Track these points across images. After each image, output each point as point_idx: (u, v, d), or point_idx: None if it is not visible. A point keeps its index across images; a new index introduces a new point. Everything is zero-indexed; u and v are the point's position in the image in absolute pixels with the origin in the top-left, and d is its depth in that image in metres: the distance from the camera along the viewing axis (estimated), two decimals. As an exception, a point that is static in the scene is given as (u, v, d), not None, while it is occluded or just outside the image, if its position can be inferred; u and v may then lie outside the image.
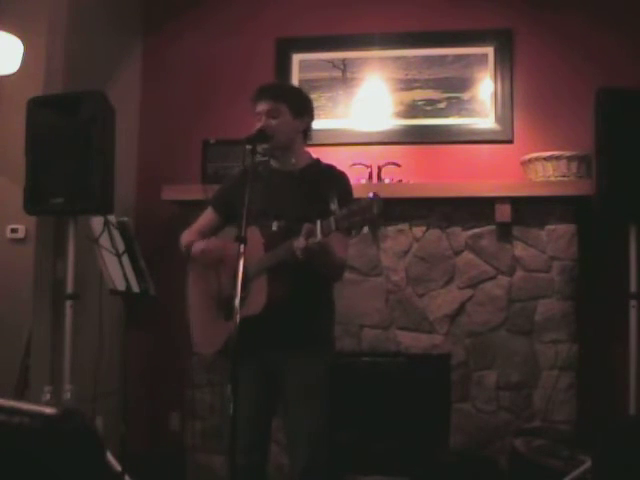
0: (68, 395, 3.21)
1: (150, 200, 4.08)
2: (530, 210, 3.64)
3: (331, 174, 2.51)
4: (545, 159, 3.60)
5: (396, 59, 4.05)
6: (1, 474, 1.15)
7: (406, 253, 3.76)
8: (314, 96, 3.90)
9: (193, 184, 3.91)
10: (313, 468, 2.33)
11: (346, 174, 2.55)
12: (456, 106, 3.97)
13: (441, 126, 3.97)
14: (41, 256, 3.46)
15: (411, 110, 4.02)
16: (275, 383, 2.42)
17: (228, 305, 2.35)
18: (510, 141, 3.90)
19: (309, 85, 4.01)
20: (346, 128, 4.06)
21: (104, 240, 3.21)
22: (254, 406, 2.39)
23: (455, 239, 3.72)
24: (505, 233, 3.67)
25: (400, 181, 3.79)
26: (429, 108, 4.00)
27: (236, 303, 2.02)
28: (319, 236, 2.11)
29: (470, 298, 3.68)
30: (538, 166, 3.61)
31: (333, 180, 2.45)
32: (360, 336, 3.76)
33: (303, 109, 2.50)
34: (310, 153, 2.57)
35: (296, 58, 4.15)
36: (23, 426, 1.17)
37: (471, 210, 3.70)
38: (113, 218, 3.26)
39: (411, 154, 3.97)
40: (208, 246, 2.47)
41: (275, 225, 2.39)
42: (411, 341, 3.72)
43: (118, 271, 3.22)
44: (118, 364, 3.72)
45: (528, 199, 3.59)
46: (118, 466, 3.13)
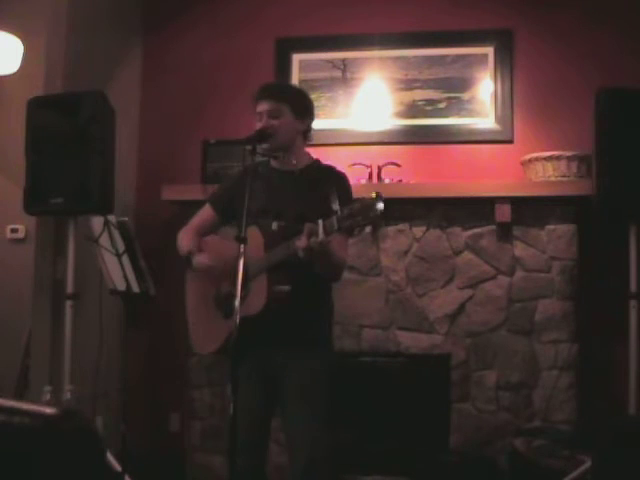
0: (68, 395, 3.21)
1: (150, 200, 4.08)
2: (530, 210, 3.64)
3: (331, 174, 2.51)
4: (545, 159, 3.60)
5: (396, 59, 4.05)
6: (1, 474, 1.15)
7: (406, 253, 3.76)
8: (314, 96, 3.90)
9: (193, 184, 3.92)
10: (312, 468, 2.33)
11: (346, 175, 2.55)
12: (456, 106, 3.97)
13: (441, 126, 3.97)
14: (41, 256, 3.46)
15: (411, 110, 4.01)
16: (274, 383, 2.41)
17: (227, 304, 2.35)
18: (510, 141, 3.90)
19: (309, 85, 4.01)
20: (346, 128, 4.05)
21: (104, 240, 3.21)
22: (253, 406, 2.39)
23: (455, 239, 3.72)
24: (505, 233, 3.67)
25: (400, 181, 3.79)
26: (429, 108, 4.00)
27: (236, 303, 2.02)
28: (321, 236, 2.10)
29: (470, 298, 3.68)
30: (538, 166, 3.61)
31: (333, 180, 2.45)
32: (360, 336, 3.76)
33: (304, 110, 2.50)
34: (310, 153, 2.57)
35: (296, 58, 4.14)
36: (23, 426, 1.17)
37: (471, 210, 3.70)
38: (113, 218, 3.26)
39: (411, 154, 3.97)
40: (212, 263, 2.46)
41: (275, 225, 2.39)
42: (411, 341, 3.72)
43: (118, 271, 3.22)
44: (118, 364, 3.72)
45: (528, 199, 3.59)
46: (118, 466, 3.13)
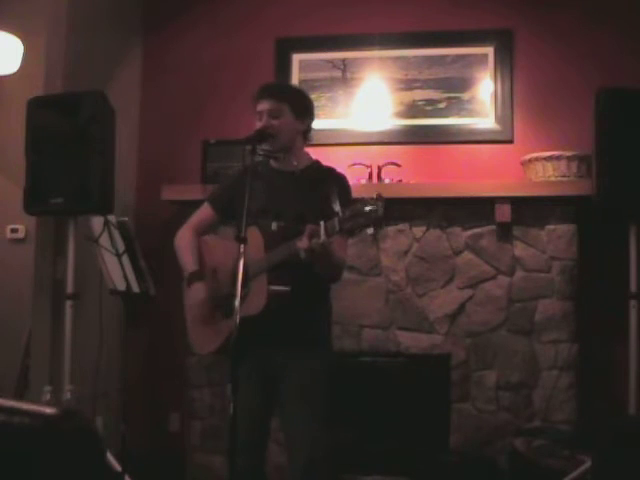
0: (68, 395, 3.21)
1: (150, 200, 4.07)
2: (530, 210, 3.64)
3: (331, 175, 2.51)
4: (545, 159, 3.59)
5: (396, 59, 4.05)
6: (1, 474, 1.15)
7: (406, 253, 3.76)
8: (314, 96, 3.90)
9: (193, 184, 3.93)
10: (312, 468, 2.33)
11: (345, 176, 2.55)
12: (456, 106, 3.97)
13: (441, 126, 3.97)
14: (41, 256, 3.46)
15: (411, 110, 4.01)
16: (274, 383, 2.41)
17: (226, 304, 2.35)
18: (510, 141, 3.90)
19: (309, 85, 4.01)
20: (346, 128, 4.05)
21: (104, 240, 3.21)
22: (253, 406, 2.39)
23: (455, 239, 3.72)
24: (505, 233, 3.67)
25: (400, 181, 3.79)
26: (429, 108, 4.00)
27: (236, 303, 2.01)
28: (323, 237, 2.10)
29: (470, 298, 3.68)
30: (538, 166, 3.61)
31: (333, 181, 2.45)
32: (360, 336, 3.76)
33: (305, 110, 2.50)
34: (309, 154, 2.57)
35: (296, 58, 4.14)
36: (23, 426, 1.17)
37: (471, 210, 3.70)
38: (113, 218, 3.26)
39: (411, 154, 3.97)
40: (205, 298, 2.44)
41: (274, 225, 2.39)
42: (411, 341, 3.72)
43: (118, 271, 3.22)
44: (118, 364, 3.72)
45: (528, 199, 3.59)
46: (118, 466, 3.13)
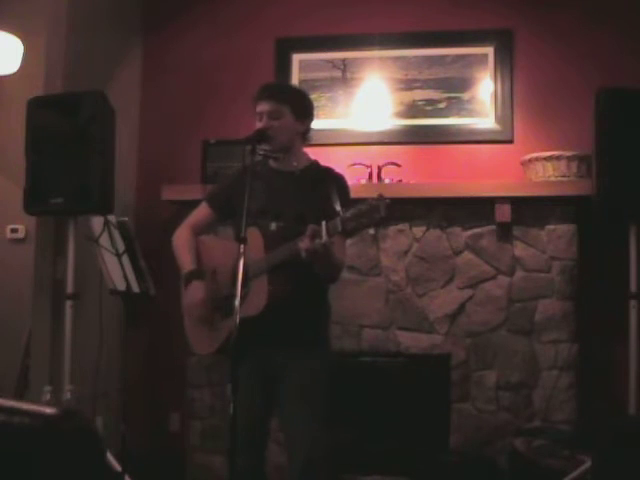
0: (68, 395, 3.21)
1: (150, 200, 4.07)
2: (530, 210, 3.64)
3: (330, 176, 2.51)
4: (545, 159, 3.59)
5: (396, 59, 4.05)
6: (1, 474, 1.15)
7: (406, 253, 3.76)
8: (314, 96, 3.90)
9: (193, 184, 3.93)
10: (311, 468, 2.33)
11: (343, 176, 2.55)
12: (456, 106, 3.97)
13: (441, 126, 3.97)
14: (41, 256, 3.46)
15: (411, 110, 4.01)
16: (273, 383, 2.41)
17: (225, 304, 2.35)
18: (510, 141, 3.90)
19: (309, 85, 4.01)
20: (346, 128, 4.05)
21: (104, 240, 3.21)
22: (253, 406, 2.39)
23: (455, 239, 3.72)
24: (505, 233, 3.67)
25: (400, 181, 3.79)
26: (429, 108, 4.00)
27: (236, 303, 2.01)
28: (324, 237, 2.10)
29: (470, 298, 3.68)
30: (538, 166, 3.61)
31: (332, 182, 2.45)
32: (360, 336, 3.76)
33: (305, 111, 2.50)
34: (308, 154, 2.57)
35: (296, 58, 4.14)
36: (23, 426, 1.17)
37: (471, 210, 3.70)
38: (113, 218, 3.26)
39: (411, 154, 3.97)
40: (205, 299, 2.45)
41: (274, 225, 2.39)
42: (411, 341, 3.72)
43: (118, 271, 3.22)
44: (118, 364, 3.72)
45: (528, 199, 3.59)
46: (118, 466, 3.13)
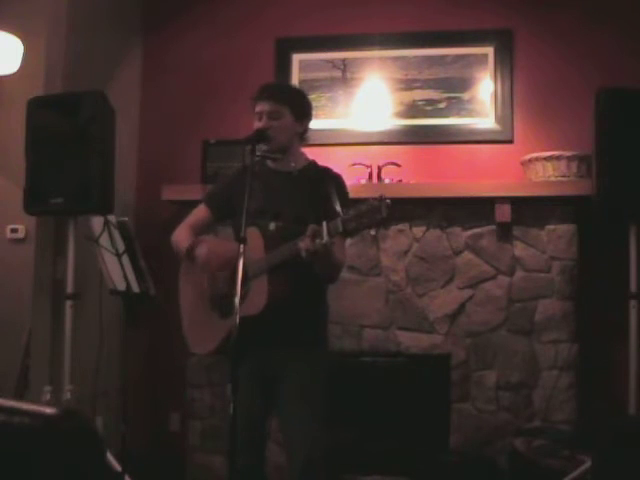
0: (68, 395, 3.21)
1: (150, 200, 4.08)
2: (530, 210, 3.64)
3: (328, 176, 2.51)
4: (545, 159, 3.59)
5: (396, 59, 4.05)
6: (1, 474, 1.15)
7: (406, 253, 3.76)
8: (314, 96, 3.92)
9: (193, 184, 3.93)
10: (311, 468, 2.33)
11: (341, 176, 2.55)
12: (456, 106, 3.97)
13: (441, 126, 3.97)
14: (41, 256, 3.45)
15: (411, 110, 4.01)
16: (272, 383, 2.41)
17: (225, 304, 2.35)
18: (510, 141, 3.90)
19: (309, 85, 4.01)
20: (346, 128, 4.05)
21: (104, 240, 3.20)
22: (252, 406, 2.39)
23: (455, 239, 3.72)
24: (505, 233, 3.67)
25: (400, 181, 3.79)
26: (429, 108, 4.00)
27: (236, 303, 2.01)
28: (325, 237, 2.10)
29: (470, 298, 3.68)
30: (538, 166, 3.61)
31: (331, 182, 2.45)
32: (360, 336, 3.76)
33: (304, 112, 2.50)
34: (306, 154, 2.57)
35: (296, 58, 4.14)
36: (23, 426, 1.17)
37: (471, 210, 3.70)
38: (113, 218, 3.25)
39: (411, 154, 3.97)
40: (211, 254, 2.46)
41: (272, 225, 2.39)
42: (411, 341, 3.72)
43: (118, 271, 3.22)
44: (118, 364, 3.72)
45: (528, 199, 3.59)
46: (118, 466, 3.13)
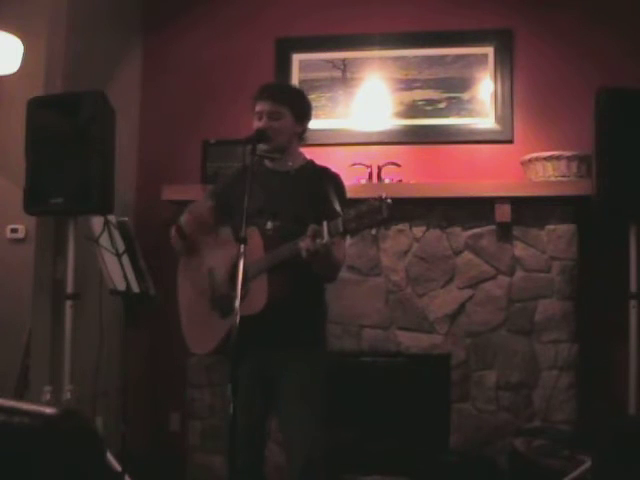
0: (68, 395, 3.21)
1: (150, 200, 4.07)
2: (530, 210, 3.64)
3: (326, 175, 2.51)
4: (545, 159, 3.59)
5: (396, 59, 4.05)
6: (1, 474, 1.15)
7: (406, 253, 3.76)
8: (314, 96, 3.92)
9: (193, 184, 3.92)
10: (311, 468, 2.33)
11: (339, 175, 2.55)
12: (456, 106, 3.96)
13: (441, 126, 3.97)
14: (41, 256, 3.45)
15: (411, 110, 4.01)
16: (272, 383, 2.41)
17: (224, 303, 2.35)
18: (510, 141, 3.90)
19: (309, 85, 4.01)
20: (346, 128, 4.05)
21: (104, 240, 3.20)
22: (252, 406, 2.39)
23: (455, 239, 3.72)
24: (505, 233, 3.67)
25: (400, 181, 3.78)
26: (429, 108, 4.00)
27: (236, 303, 2.01)
28: (326, 237, 2.10)
29: (470, 298, 3.68)
30: (538, 166, 3.61)
31: (329, 181, 2.46)
32: (360, 336, 3.76)
33: (304, 113, 2.50)
34: (304, 154, 2.57)
35: (296, 58, 4.14)
36: (23, 426, 1.17)
37: (471, 210, 3.70)
38: (113, 218, 3.25)
39: (411, 154, 3.97)
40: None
41: (270, 225, 2.39)
42: (411, 341, 3.72)
43: (118, 271, 3.22)
44: (118, 364, 3.72)
45: (528, 199, 3.59)
46: (118, 466, 3.13)
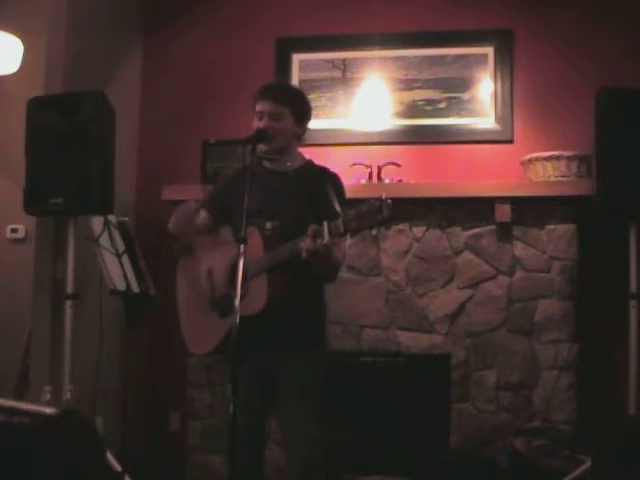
0: (68, 395, 3.21)
1: (150, 200, 4.07)
2: (530, 210, 3.64)
3: (325, 175, 2.51)
4: (545, 159, 3.59)
5: (396, 59, 4.05)
6: (1, 474, 1.15)
7: (406, 253, 3.76)
8: (314, 96, 3.92)
9: (193, 184, 3.92)
10: (311, 468, 2.33)
11: (338, 175, 2.55)
12: (456, 106, 3.97)
13: (441, 126, 3.97)
14: (41, 256, 3.46)
15: (411, 110, 4.01)
16: (272, 383, 2.41)
17: (224, 303, 2.35)
18: (510, 141, 3.90)
19: (309, 85, 4.01)
20: (346, 128, 4.05)
21: (104, 240, 3.20)
22: (252, 406, 2.39)
23: (455, 239, 3.72)
24: (505, 233, 3.67)
25: (400, 181, 3.79)
26: (429, 108, 4.00)
27: (236, 303, 2.01)
28: (326, 237, 2.10)
29: (470, 298, 3.68)
30: (538, 166, 3.61)
31: (328, 181, 2.45)
32: (360, 336, 3.76)
33: (304, 115, 2.51)
34: (303, 154, 2.57)
35: (296, 58, 4.14)
36: (23, 426, 1.17)
37: (471, 210, 3.70)
38: (113, 218, 3.25)
39: (411, 154, 3.97)
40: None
41: (269, 225, 2.39)
42: (411, 341, 3.72)
43: (118, 271, 3.22)
44: (118, 364, 3.72)
45: (528, 199, 3.59)
46: (118, 466, 3.13)
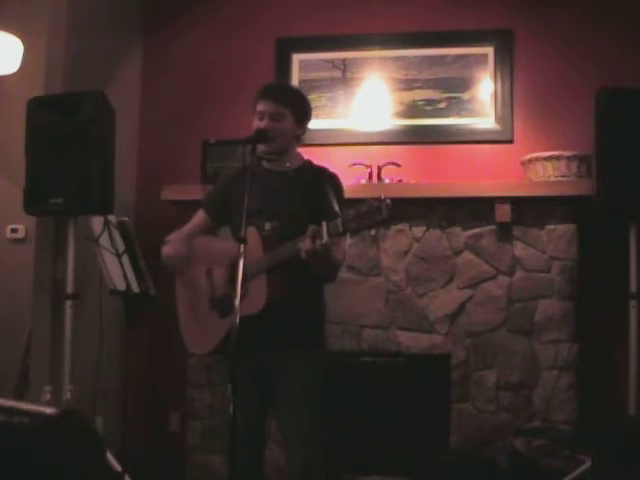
0: (68, 395, 3.21)
1: (150, 200, 4.07)
2: (530, 210, 3.64)
3: (324, 175, 2.51)
4: (545, 159, 3.59)
5: (396, 59, 4.05)
6: (1, 474, 1.15)
7: (406, 253, 3.76)
8: (314, 96, 3.92)
9: (193, 184, 3.92)
10: (311, 468, 2.33)
11: (337, 175, 2.55)
12: (456, 106, 3.97)
13: (441, 126, 3.97)
14: (41, 256, 3.46)
15: (411, 110, 4.01)
16: (271, 382, 2.41)
17: (222, 303, 2.35)
18: (510, 141, 3.90)
19: (309, 85, 4.01)
20: (346, 128, 4.05)
21: (104, 240, 3.20)
22: (252, 406, 2.39)
23: (455, 239, 3.72)
24: (505, 233, 3.67)
25: (400, 181, 3.79)
26: (429, 108, 4.00)
27: (236, 303, 2.01)
28: (326, 238, 2.10)
29: (470, 298, 3.68)
30: (538, 166, 3.61)
31: (327, 182, 2.46)
32: (360, 336, 3.76)
33: (304, 115, 2.51)
34: (302, 154, 2.57)
35: (296, 58, 4.14)
36: (23, 426, 1.17)
37: (471, 210, 3.70)
38: (113, 218, 3.25)
39: (411, 154, 3.97)
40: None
41: (268, 225, 2.39)
42: (411, 341, 3.72)
43: (118, 271, 3.22)
44: (118, 364, 3.72)
45: (528, 199, 3.59)
46: (118, 466, 3.13)
